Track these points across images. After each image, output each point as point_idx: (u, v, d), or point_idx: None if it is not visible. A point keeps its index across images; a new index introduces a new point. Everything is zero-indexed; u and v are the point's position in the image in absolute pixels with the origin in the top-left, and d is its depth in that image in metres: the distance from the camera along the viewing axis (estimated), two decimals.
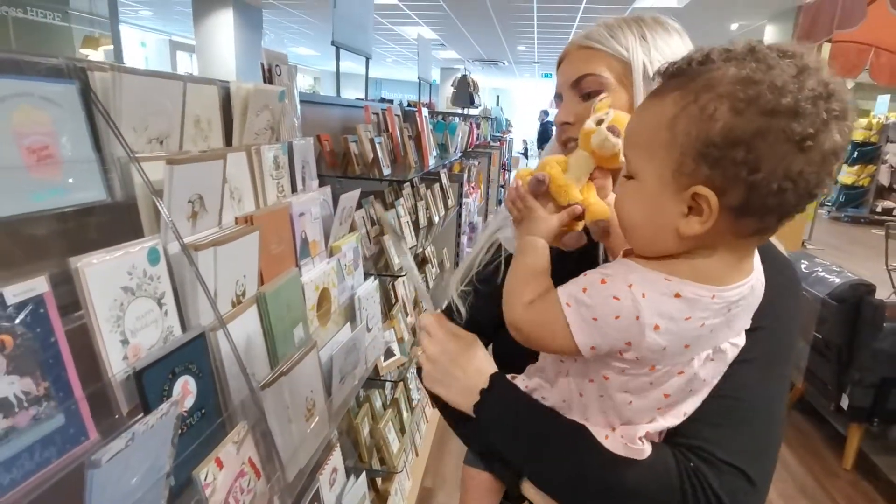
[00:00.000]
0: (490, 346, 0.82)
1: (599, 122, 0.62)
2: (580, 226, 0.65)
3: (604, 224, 0.63)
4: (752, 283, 0.55)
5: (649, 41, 0.73)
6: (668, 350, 0.52)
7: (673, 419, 0.59)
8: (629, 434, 0.58)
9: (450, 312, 0.85)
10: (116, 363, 0.66)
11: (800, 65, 0.46)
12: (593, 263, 0.62)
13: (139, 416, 0.65)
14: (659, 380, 0.55)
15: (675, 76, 0.51)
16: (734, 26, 7.68)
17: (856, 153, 9.64)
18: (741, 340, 0.57)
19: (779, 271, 0.65)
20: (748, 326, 0.58)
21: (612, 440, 0.58)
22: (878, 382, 2.60)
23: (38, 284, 0.56)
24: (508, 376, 0.70)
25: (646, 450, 0.57)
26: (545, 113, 13.22)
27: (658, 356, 0.53)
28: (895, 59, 2.84)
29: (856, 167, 9.66)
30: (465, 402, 0.69)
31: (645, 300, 0.51)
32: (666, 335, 0.51)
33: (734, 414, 0.59)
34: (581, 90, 0.74)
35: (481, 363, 0.70)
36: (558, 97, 0.79)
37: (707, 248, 0.52)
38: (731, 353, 0.57)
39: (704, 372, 0.56)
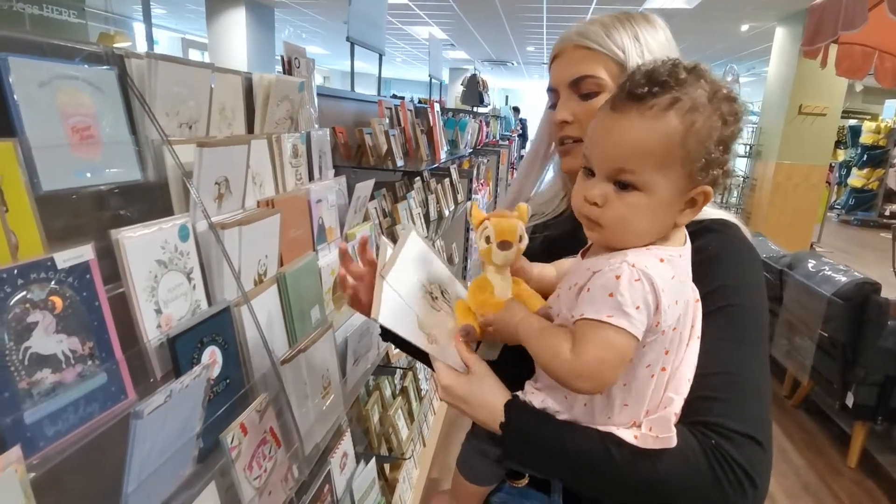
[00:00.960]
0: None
1: (487, 240, 0.70)
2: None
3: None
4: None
5: (641, 41, 0.77)
6: (670, 308, 0.58)
7: (685, 389, 0.63)
8: (661, 424, 0.61)
9: None
10: (151, 330, 0.71)
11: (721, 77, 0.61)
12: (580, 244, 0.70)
13: (172, 379, 0.70)
14: (667, 340, 0.61)
15: (656, 95, 0.58)
16: (744, 27, 7.66)
17: (865, 156, 9.60)
18: (696, 292, 0.65)
19: (733, 237, 0.73)
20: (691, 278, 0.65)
21: (643, 438, 0.62)
22: (882, 381, 2.62)
23: (85, 252, 0.61)
24: (520, 395, 0.71)
25: (674, 437, 0.60)
26: (516, 110, 12.73)
27: (667, 316, 0.58)
28: None
29: (865, 171, 9.61)
30: (490, 426, 0.71)
31: (650, 269, 0.57)
32: (668, 293, 0.58)
33: (734, 387, 0.64)
34: (579, 90, 0.77)
35: (492, 396, 0.71)
36: (553, 92, 0.82)
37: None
38: (695, 305, 0.64)
39: (681, 324, 0.63)
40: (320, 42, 12.58)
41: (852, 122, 10.06)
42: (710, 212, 0.72)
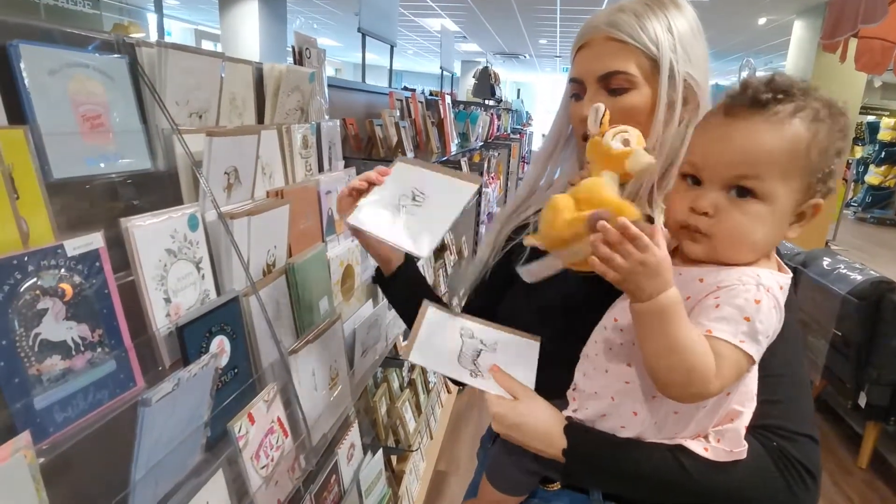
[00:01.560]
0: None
1: (626, 143, 0.62)
2: None
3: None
4: None
5: (674, 33, 0.73)
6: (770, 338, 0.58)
7: (752, 403, 0.63)
8: (733, 437, 0.62)
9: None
10: (160, 319, 0.71)
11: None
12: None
13: (181, 368, 0.70)
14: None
15: (780, 101, 0.57)
16: (762, 21, 7.54)
17: (883, 153, 9.42)
18: None
19: None
20: None
21: (714, 451, 0.62)
22: None
23: (95, 239, 0.61)
24: (573, 416, 0.70)
25: (745, 450, 0.61)
26: None
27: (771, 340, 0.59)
28: None
29: (882, 168, 9.44)
30: (550, 454, 0.70)
31: (780, 299, 0.57)
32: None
33: (785, 389, 0.65)
34: (609, 86, 0.74)
35: (546, 422, 0.70)
36: (576, 83, 0.78)
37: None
38: None
39: None
40: (332, 34, 12.56)
41: (870, 118, 9.87)
42: None
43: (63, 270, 0.58)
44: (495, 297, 0.89)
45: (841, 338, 2.72)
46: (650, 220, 0.75)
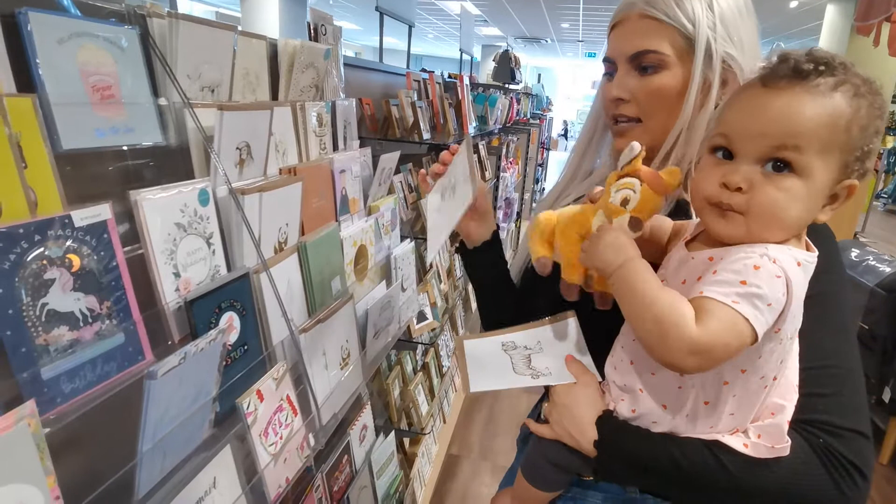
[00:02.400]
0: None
1: (624, 202, 0.62)
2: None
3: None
4: None
5: (715, 10, 0.70)
6: (795, 317, 0.55)
7: (793, 395, 0.60)
8: (774, 433, 0.59)
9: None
10: (170, 293, 0.71)
11: None
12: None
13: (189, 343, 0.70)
14: (784, 349, 0.58)
15: (822, 74, 0.54)
16: (793, 4, 7.30)
17: None
18: None
19: (822, 225, 0.65)
20: None
21: (754, 447, 0.60)
22: None
23: (103, 210, 0.61)
24: (610, 406, 0.69)
25: (788, 446, 0.58)
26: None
27: (791, 323, 0.56)
28: None
29: None
30: (583, 445, 0.69)
31: (789, 272, 0.53)
32: (797, 300, 0.54)
33: (833, 381, 0.62)
34: (639, 65, 0.72)
35: (585, 410, 0.69)
36: (609, 62, 0.76)
37: None
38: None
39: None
40: (352, 17, 12.50)
41: None
42: None
43: (70, 241, 0.57)
44: (535, 284, 0.89)
45: (868, 331, 2.64)
46: (686, 204, 0.73)
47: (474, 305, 2.59)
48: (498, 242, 0.94)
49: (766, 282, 0.52)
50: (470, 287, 0.99)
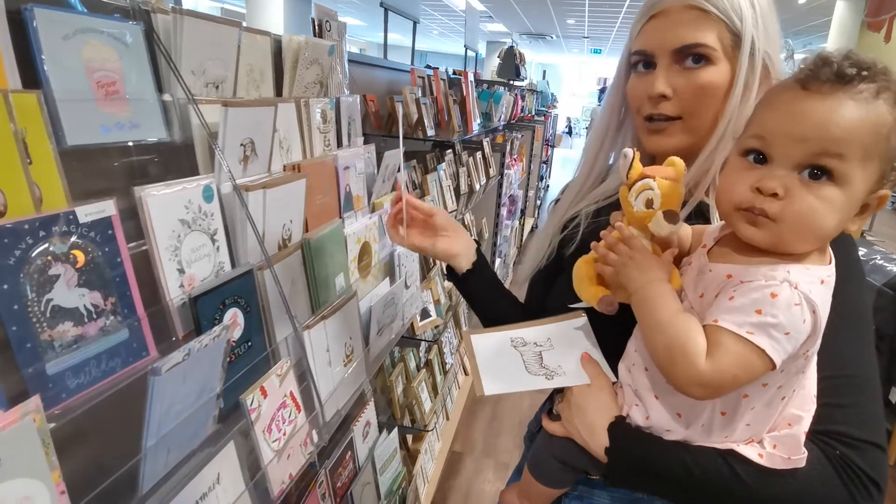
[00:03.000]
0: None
1: (649, 203, 0.60)
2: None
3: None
4: None
5: (757, 7, 0.67)
6: (821, 331, 0.54)
7: (811, 406, 0.60)
8: (791, 443, 0.58)
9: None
10: (174, 289, 0.71)
11: None
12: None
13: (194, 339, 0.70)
14: (808, 364, 0.57)
15: (864, 80, 0.51)
16: (802, 0, 7.24)
17: None
18: None
19: (842, 239, 0.65)
20: None
21: (769, 457, 0.59)
22: None
23: (107, 207, 0.61)
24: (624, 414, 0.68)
25: (805, 458, 0.58)
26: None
27: (816, 340, 0.54)
28: None
29: None
30: (594, 449, 0.68)
31: (813, 294, 0.52)
32: (824, 321, 0.53)
33: (852, 391, 0.61)
34: (685, 59, 0.68)
35: (598, 414, 0.68)
36: (642, 55, 0.71)
37: None
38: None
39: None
40: (356, 13, 12.48)
41: None
42: None
43: (75, 237, 0.57)
44: (549, 283, 0.88)
45: (875, 330, 2.63)
46: (707, 207, 0.72)
47: None
48: (484, 260, 0.94)
49: (783, 311, 0.51)
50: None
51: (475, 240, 0.96)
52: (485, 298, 0.94)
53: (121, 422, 0.62)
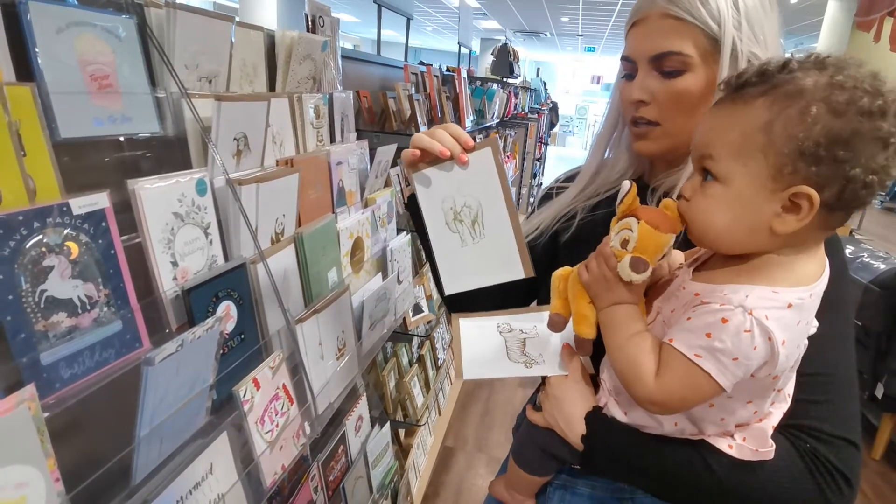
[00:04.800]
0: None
1: (624, 244, 0.60)
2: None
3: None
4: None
5: (741, 7, 0.67)
6: (789, 356, 0.54)
7: (785, 404, 0.61)
8: (759, 436, 0.60)
9: None
10: (167, 282, 0.71)
11: (871, 71, 0.51)
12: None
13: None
14: (781, 380, 0.58)
15: (754, 84, 0.53)
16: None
17: None
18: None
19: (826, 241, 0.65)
20: None
21: (739, 449, 0.60)
22: None
23: (101, 199, 0.61)
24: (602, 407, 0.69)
25: (773, 450, 0.59)
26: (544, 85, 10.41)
27: (783, 365, 0.54)
28: None
29: None
30: (571, 438, 0.70)
31: (770, 321, 0.52)
32: (789, 345, 0.53)
33: (829, 388, 0.62)
34: (661, 67, 0.69)
35: (574, 404, 0.70)
36: (628, 62, 0.73)
37: (795, 245, 0.55)
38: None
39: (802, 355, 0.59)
40: (350, 9, 12.42)
41: None
42: None
43: (69, 229, 0.58)
44: (539, 271, 0.88)
45: (861, 328, 2.66)
46: None
47: None
48: None
49: (731, 337, 0.51)
50: None
51: None
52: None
53: (115, 412, 0.63)
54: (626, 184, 0.62)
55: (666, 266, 0.68)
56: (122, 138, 0.73)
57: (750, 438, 0.60)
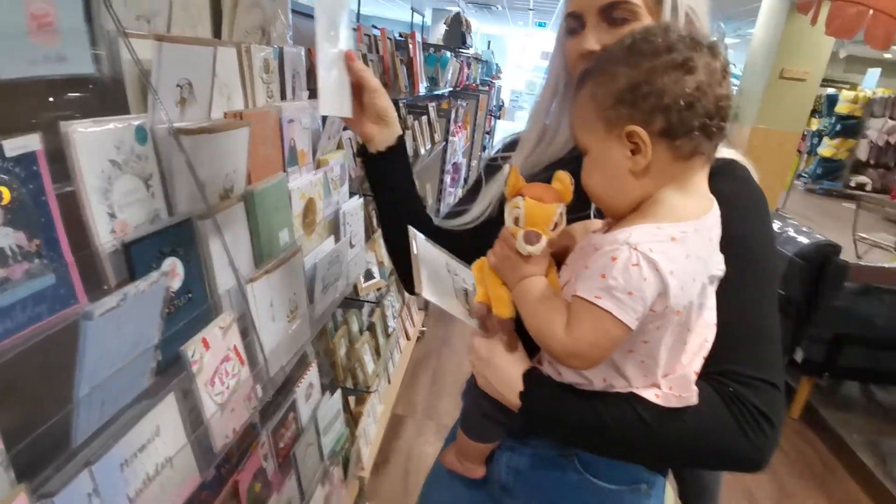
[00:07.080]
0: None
1: (516, 221, 0.64)
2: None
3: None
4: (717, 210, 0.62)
5: None
6: (684, 289, 0.56)
7: (704, 351, 0.63)
8: (682, 383, 0.61)
9: None
10: (104, 235, 0.66)
11: (663, 29, 0.59)
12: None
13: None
14: (688, 320, 0.60)
15: (583, 76, 0.64)
16: None
17: (838, 126, 9.74)
18: (723, 263, 0.62)
19: (745, 182, 0.71)
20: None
21: (664, 397, 0.62)
22: (832, 338, 2.75)
23: (32, 141, 0.56)
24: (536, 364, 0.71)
25: (695, 395, 0.61)
26: None
27: (679, 297, 0.56)
28: (891, 24, 2.81)
29: (836, 140, 9.78)
30: (509, 398, 0.70)
31: (655, 253, 0.54)
32: (679, 276, 0.55)
33: (748, 334, 0.64)
34: (611, 15, 0.71)
35: (511, 364, 0.70)
36: (574, 18, 0.74)
37: (670, 184, 0.60)
38: (720, 276, 0.62)
39: (711, 300, 0.62)
40: None
41: (830, 90, 10.13)
42: (720, 151, 0.67)
43: (0, 173, 0.52)
44: (482, 243, 0.88)
45: (784, 297, 2.85)
46: None
47: None
48: (403, 149, 0.92)
49: (621, 273, 0.54)
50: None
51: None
52: (395, 186, 0.93)
53: (50, 372, 0.59)
54: (507, 167, 0.67)
55: (579, 232, 0.71)
56: (55, 78, 0.66)
57: (675, 386, 0.62)
